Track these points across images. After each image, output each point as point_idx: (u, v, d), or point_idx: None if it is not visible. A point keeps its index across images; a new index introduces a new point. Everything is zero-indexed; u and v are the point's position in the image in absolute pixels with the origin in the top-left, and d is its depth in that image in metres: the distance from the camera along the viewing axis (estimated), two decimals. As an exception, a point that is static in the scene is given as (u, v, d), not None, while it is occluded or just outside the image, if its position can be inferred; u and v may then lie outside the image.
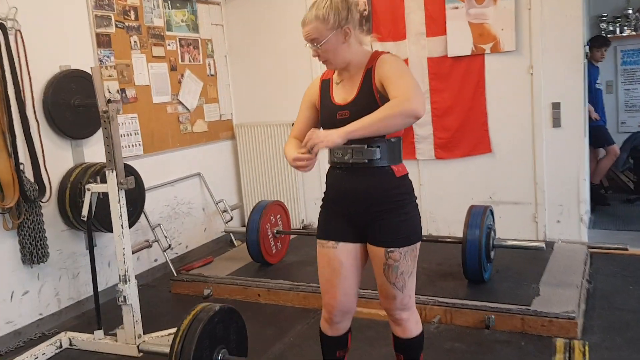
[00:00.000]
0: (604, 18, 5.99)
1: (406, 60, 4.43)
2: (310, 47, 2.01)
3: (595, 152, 5.48)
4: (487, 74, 4.28)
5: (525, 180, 4.27)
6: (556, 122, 4.14)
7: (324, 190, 2.17)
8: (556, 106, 4.12)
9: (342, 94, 2.04)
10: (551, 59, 4.08)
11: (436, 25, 4.34)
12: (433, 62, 4.40)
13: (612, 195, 5.64)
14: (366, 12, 4.52)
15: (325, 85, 2.12)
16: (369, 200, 2.01)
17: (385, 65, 1.96)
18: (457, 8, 4.23)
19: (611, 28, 5.98)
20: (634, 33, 5.90)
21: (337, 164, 2.06)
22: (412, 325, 2.14)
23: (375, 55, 2.02)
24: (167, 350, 2.47)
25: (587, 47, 4.77)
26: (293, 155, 1.94)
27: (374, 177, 2.00)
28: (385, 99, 1.92)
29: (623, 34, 5.95)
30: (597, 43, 5.33)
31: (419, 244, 2.07)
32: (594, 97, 5.30)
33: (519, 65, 4.18)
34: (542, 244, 3.32)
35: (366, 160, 1.97)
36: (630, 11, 5.90)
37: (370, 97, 1.96)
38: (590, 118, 5.15)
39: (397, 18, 4.46)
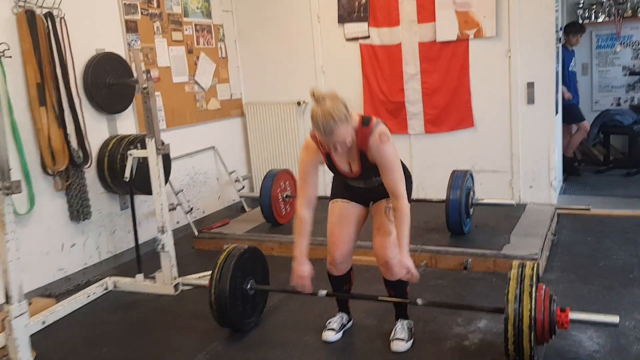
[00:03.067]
0: (581, 5, 6.53)
1: (399, 45, 4.98)
2: (336, 145, 2.32)
3: (569, 128, 6.06)
4: (471, 57, 4.82)
5: (502, 151, 4.85)
6: (530, 100, 4.70)
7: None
8: (530, 85, 4.68)
9: (345, 163, 2.56)
10: (527, 43, 4.63)
11: (426, 12, 4.86)
12: (423, 46, 4.94)
13: (584, 167, 6.23)
14: (364, 1, 5.05)
15: (328, 157, 2.56)
16: (374, 193, 2.67)
17: (377, 156, 2.44)
18: (444, -3, 4.77)
19: (587, 14, 6.53)
20: (607, 19, 6.46)
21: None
22: (398, 269, 2.66)
23: (362, 136, 2.43)
24: (203, 282, 3.04)
25: (561, 33, 5.31)
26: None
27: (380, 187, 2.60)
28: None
29: (598, 20, 6.51)
30: (572, 29, 5.85)
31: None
32: (568, 78, 5.85)
33: (499, 49, 4.72)
34: (513, 201, 3.92)
35: (376, 184, 2.60)
36: (604, -1, 6.45)
37: (371, 169, 2.53)
38: (564, 97, 5.72)
39: (391, 6, 4.98)
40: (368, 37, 5.09)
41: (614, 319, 2.38)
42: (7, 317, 2.55)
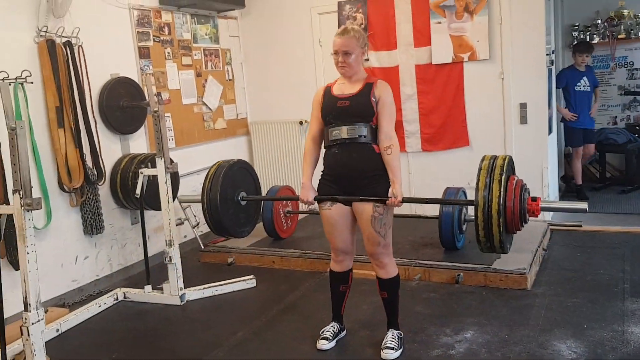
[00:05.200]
0: (576, 27, 6.74)
1: (397, 67, 5.21)
2: (340, 55, 2.74)
3: (577, 151, 6.07)
4: (465, 79, 5.03)
5: (497, 169, 5.02)
6: (523, 120, 4.90)
7: (322, 169, 2.95)
8: (523, 106, 4.88)
9: (342, 89, 2.84)
10: (519, 66, 4.84)
11: (422, 37, 5.10)
12: (420, 68, 5.17)
13: (583, 185, 6.36)
14: (363, 26, 5.29)
15: (327, 90, 2.90)
16: (358, 168, 2.79)
17: (384, 93, 2.78)
18: (439, 23, 5.00)
19: (582, 36, 6.74)
20: (602, 40, 6.65)
21: (334, 142, 2.82)
22: (391, 268, 2.94)
23: (372, 75, 2.82)
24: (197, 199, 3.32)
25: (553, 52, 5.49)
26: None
27: (361, 151, 2.78)
28: (376, 106, 2.77)
29: (593, 42, 6.70)
30: (577, 48, 5.97)
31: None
32: (574, 99, 5.95)
33: (492, 71, 4.93)
34: (503, 218, 4.08)
35: (357, 135, 2.76)
36: (599, 21, 6.65)
37: (367, 99, 2.77)
38: (566, 118, 5.86)
39: (389, 30, 5.23)
40: (367, 60, 5.28)
41: (583, 205, 2.43)
42: (25, 323, 2.77)
